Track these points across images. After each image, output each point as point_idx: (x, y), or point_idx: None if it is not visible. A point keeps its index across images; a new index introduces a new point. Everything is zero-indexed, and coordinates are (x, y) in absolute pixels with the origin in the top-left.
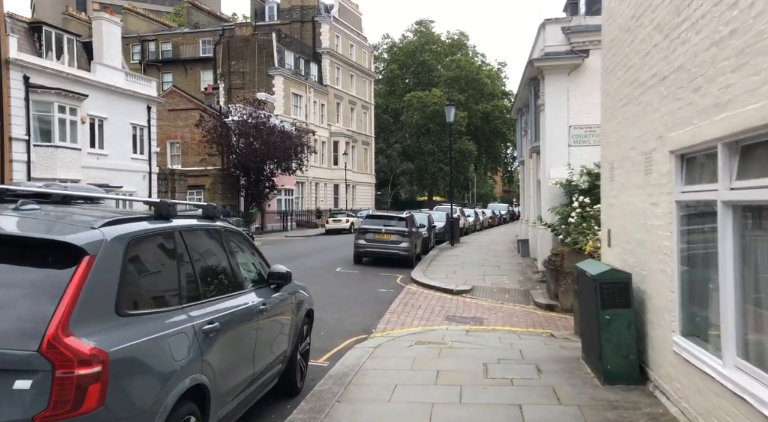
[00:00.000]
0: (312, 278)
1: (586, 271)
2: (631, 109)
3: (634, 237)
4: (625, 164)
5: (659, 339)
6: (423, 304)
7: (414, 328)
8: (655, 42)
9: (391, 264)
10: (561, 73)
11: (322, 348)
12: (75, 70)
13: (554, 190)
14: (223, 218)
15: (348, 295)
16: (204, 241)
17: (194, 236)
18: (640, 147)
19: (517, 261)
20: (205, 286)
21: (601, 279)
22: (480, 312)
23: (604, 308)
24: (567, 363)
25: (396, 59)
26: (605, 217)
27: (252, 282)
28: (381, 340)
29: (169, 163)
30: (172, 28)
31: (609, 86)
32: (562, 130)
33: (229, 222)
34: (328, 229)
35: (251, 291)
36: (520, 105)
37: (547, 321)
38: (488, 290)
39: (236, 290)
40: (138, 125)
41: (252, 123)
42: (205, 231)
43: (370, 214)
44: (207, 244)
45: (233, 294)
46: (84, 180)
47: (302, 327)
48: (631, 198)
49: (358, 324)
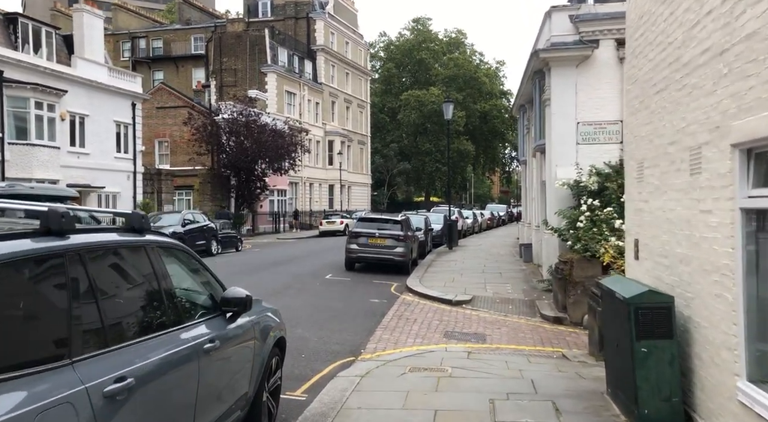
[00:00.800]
0: (298, 287)
1: (614, 292)
2: (669, 96)
3: (675, 251)
4: (659, 162)
5: (714, 382)
6: (419, 317)
7: (408, 348)
8: (709, 8)
9: (386, 270)
10: (568, 64)
11: (302, 374)
12: (54, 64)
13: (561, 192)
14: (214, 220)
15: (336, 307)
16: (121, 264)
17: (104, 258)
18: (683, 141)
19: (520, 268)
20: (117, 327)
21: (637, 304)
22: (482, 327)
23: (641, 339)
24: (589, 399)
25: (392, 57)
26: (631, 225)
27: (198, 312)
28: (370, 366)
29: (157, 162)
30: (164, 25)
31: (636, 71)
32: (570, 126)
33: (215, 225)
34: (322, 231)
35: (196, 324)
36: (523, 101)
37: (557, 336)
38: (490, 300)
39: (171, 326)
40: (122, 123)
41: (243, 121)
42: (126, 250)
43: (363, 217)
44: (126, 268)
45: (164, 333)
46: (63, 180)
47: (270, 360)
48: (669, 203)
49: (345, 343)
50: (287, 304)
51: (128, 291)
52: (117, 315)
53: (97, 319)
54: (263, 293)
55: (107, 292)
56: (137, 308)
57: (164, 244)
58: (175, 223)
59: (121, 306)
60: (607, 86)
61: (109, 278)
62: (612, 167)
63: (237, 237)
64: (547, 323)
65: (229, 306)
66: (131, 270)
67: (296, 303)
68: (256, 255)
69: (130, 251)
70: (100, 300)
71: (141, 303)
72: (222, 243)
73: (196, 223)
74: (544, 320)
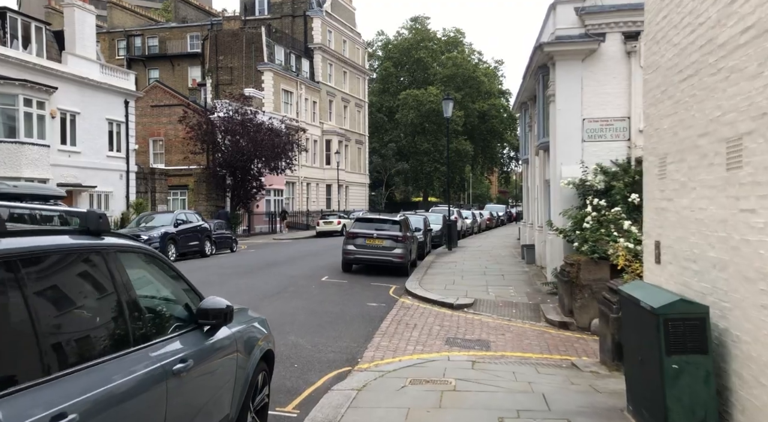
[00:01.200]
0: (293, 290)
1: (638, 300)
2: (700, 82)
3: (706, 254)
4: (687, 156)
5: (759, 404)
6: (419, 322)
7: (408, 357)
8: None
9: (384, 272)
10: (574, 59)
11: (293, 387)
12: (44, 60)
13: (566, 191)
14: (213, 219)
15: (332, 312)
16: (69, 273)
17: (46, 266)
18: (717, 132)
19: (523, 270)
20: (59, 351)
21: (668, 315)
22: (485, 333)
23: (671, 353)
24: (608, 417)
25: (390, 56)
26: (651, 226)
27: (170, 326)
28: (367, 377)
29: (152, 161)
30: (159, 23)
31: (658, 58)
32: (575, 123)
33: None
34: (319, 231)
35: (166, 341)
36: (525, 98)
37: (564, 343)
38: (492, 304)
39: (133, 345)
40: (115, 121)
41: (238, 119)
42: (77, 256)
43: (361, 217)
44: (75, 277)
45: (124, 354)
46: (54, 179)
47: (256, 376)
48: (699, 201)
49: (341, 351)
50: (280, 309)
51: (77, 305)
52: (60, 336)
53: (31, 342)
54: (256, 296)
55: (48, 308)
56: (88, 326)
57: (127, 248)
58: (167, 223)
59: (66, 325)
60: (614, 81)
61: (51, 290)
62: (619, 165)
63: (231, 238)
64: (553, 328)
65: (207, 319)
66: (83, 280)
67: (290, 308)
68: (250, 256)
69: (82, 257)
70: (37, 318)
71: (94, 319)
72: (216, 243)
73: (189, 223)
74: (549, 325)
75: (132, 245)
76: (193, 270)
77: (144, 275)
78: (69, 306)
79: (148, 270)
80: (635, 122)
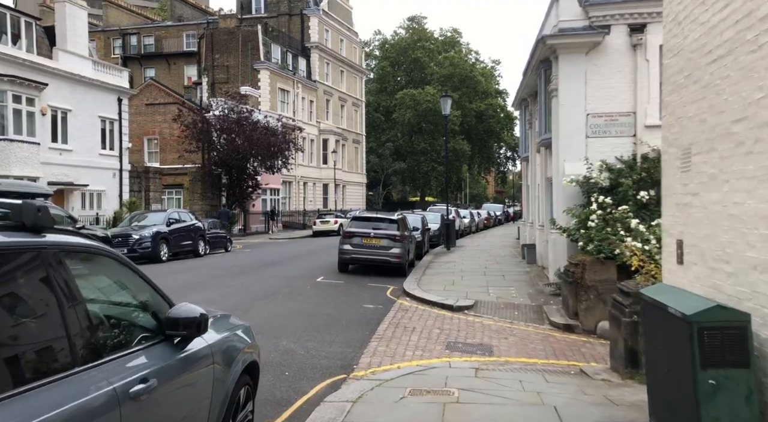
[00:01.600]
0: (287, 291)
1: (666, 305)
2: (735, 62)
3: (743, 254)
4: (718, 145)
5: None
6: (418, 326)
7: (407, 363)
8: None
9: (381, 272)
10: (578, 52)
11: (283, 398)
12: (34, 56)
13: (569, 189)
14: (203, 219)
15: (327, 314)
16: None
17: None
18: (758, 116)
19: (524, 270)
20: None
21: (703, 323)
22: (487, 337)
23: (707, 367)
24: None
25: (387, 56)
26: (672, 223)
27: (132, 339)
28: (363, 386)
29: (147, 160)
30: (155, 22)
31: (681, 40)
32: (579, 119)
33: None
34: (316, 231)
35: (124, 358)
36: (525, 94)
37: (570, 347)
38: (494, 306)
39: (80, 364)
40: (108, 118)
41: (234, 118)
42: (3, 259)
43: (357, 216)
44: (2, 283)
45: (62, 377)
46: (44, 177)
47: (237, 392)
48: (734, 195)
49: (335, 356)
50: (273, 311)
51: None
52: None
53: None
54: (248, 298)
55: None
56: (17, 343)
57: (76, 248)
58: (159, 223)
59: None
60: (618, 75)
61: None
62: (624, 162)
63: (226, 237)
64: (557, 331)
65: (177, 329)
66: (9, 288)
67: (283, 310)
68: (245, 256)
69: (11, 259)
70: None
71: (26, 334)
72: (210, 243)
73: (182, 223)
74: (553, 328)
75: (83, 245)
76: (185, 271)
77: (101, 280)
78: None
79: (106, 274)
80: (641, 117)
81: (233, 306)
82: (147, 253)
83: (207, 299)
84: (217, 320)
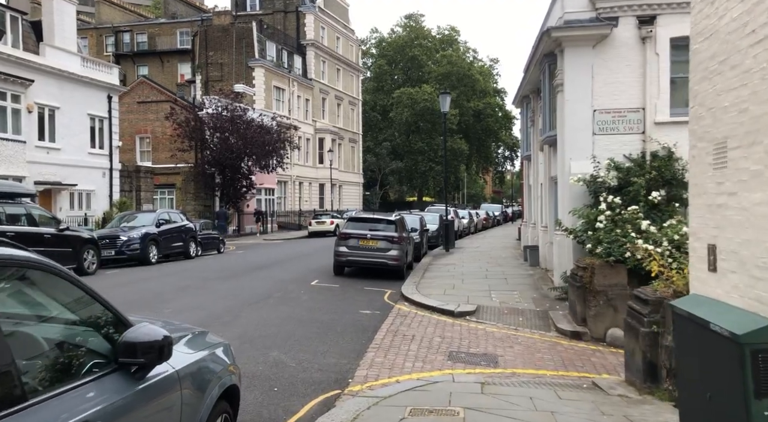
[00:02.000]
0: (280, 295)
1: (707, 322)
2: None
3: None
4: (764, 138)
5: None
6: (417, 333)
7: (407, 376)
8: None
9: (378, 275)
10: (585, 45)
11: (272, 418)
12: (20, 51)
13: (575, 188)
14: (194, 220)
15: (321, 321)
16: None
17: None
18: None
19: (527, 273)
20: None
21: (757, 344)
22: (492, 345)
23: (763, 396)
24: None
25: (384, 54)
26: (701, 226)
27: (74, 372)
28: (359, 405)
29: (138, 159)
30: (148, 19)
31: (714, 21)
32: (586, 115)
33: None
34: (311, 232)
35: (60, 395)
36: (527, 90)
37: (579, 357)
38: (497, 311)
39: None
40: (97, 116)
41: (227, 116)
42: None
43: (354, 217)
44: None
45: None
46: (30, 177)
47: (214, 419)
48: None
49: (329, 369)
50: (264, 318)
51: None
52: None
53: None
54: (238, 303)
55: None
56: None
57: (7, 260)
58: (148, 223)
59: None
60: (627, 69)
61: None
62: (633, 160)
63: (218, 239)
64: (565, 339)
65: (133, 357)
66: None
67: (275, 316)
68: (238, 258)
69: None
70: None
71: None
72: (202, 244)
73: (172, 223)
74: (560, 335)
75: (7, 256)
76: (174, 273)
77: (34, 299)
78: None
79: (40, 292)
80: (650, 114)
81: (222, 311)
82: (136, 255)
83: (196, 304)
84: (193, 338)
